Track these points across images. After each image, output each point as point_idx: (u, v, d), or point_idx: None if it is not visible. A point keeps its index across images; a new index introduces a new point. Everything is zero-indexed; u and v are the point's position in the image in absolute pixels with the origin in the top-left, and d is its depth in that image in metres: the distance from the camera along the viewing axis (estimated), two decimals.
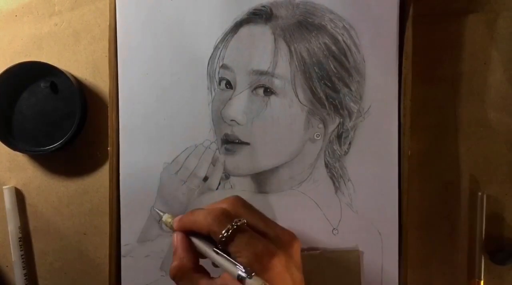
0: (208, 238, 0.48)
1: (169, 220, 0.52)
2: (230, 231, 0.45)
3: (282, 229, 0.49)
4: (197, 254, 0.49)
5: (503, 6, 0.63)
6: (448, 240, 0.64)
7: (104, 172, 0.65)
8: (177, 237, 0.50)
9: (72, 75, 0.64)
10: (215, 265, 0.47)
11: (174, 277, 0.48)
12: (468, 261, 0.64)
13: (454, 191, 0.64)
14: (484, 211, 0.63)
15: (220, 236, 0.45)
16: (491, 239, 0.64)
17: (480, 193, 0.63)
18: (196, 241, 0.49)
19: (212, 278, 0.47)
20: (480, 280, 0.63)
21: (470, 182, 0.64)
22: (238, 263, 0.44)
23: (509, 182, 0.64)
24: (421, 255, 0.64)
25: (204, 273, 0.48)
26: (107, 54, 0.63)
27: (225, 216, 0.47)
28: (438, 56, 0.64)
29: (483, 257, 0.63)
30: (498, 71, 0.63)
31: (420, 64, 0.62)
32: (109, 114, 0.61)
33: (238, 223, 0.45)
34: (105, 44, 0.64)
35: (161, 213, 0.54)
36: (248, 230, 0.46)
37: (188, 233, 0.49)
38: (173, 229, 0.51)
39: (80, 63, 0.65)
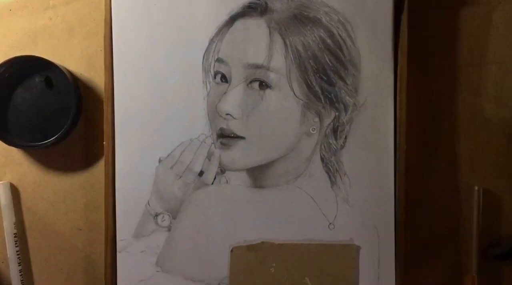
0: None
1: None
2: None
3: None
4: None
5: None
6: (445, 234, 0.64)
7: (99, 167, 0.65)
8: None
9: (67, 70, 0.64)
10: None
11: None
12: (464, 256, 0.64)
13: (451, 185, 0.64)
14: (480, 205, 0.63)
15: None
16: (488, 234, 0.64)
17: (476, 187, 0.63)
18: None
19: None
20: (476, 274, 0.63)
21: (466, 176, 0.64)
22: None
23: (506, 177, 0.64)
24: (418, 249, 0.64)
25: None
26: (102, 49, 0.63)
27: None
28: (434, 49, 0.64)
29: (479, 252, 0.63)
30: (494, 64, 0.64)
31: (416, 57, 0.62)
32: (104, 109, 0.61)
33: None
34: (99, 38, 0.64)
35: None
36: None
37: None
38: None
39: (74, 57, 0.65)
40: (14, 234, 0.64)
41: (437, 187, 0.64)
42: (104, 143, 0.61)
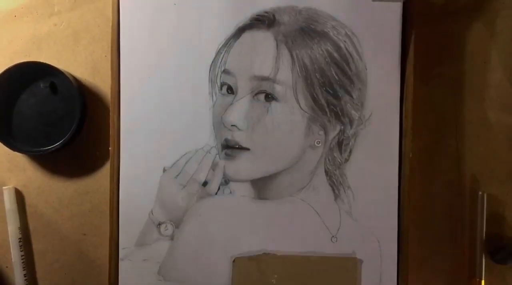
0: None
1: None
2: None
3: None
4: None
5: (503, 5, 0.64)
6: (449, 239, 0.65)
7: (104, 173, 0.65)
8: None
9: (72, 75, 0.64)
10: None
11: None
12: (469, 260, 0.64)
13: (455, 190, 0.64)
14: (484, 210, 0.63)
15: None
16: (492, 239, 0.64)
17: (480, 192, 0.64)
18: None
19: None
20: (481, 279, 0.63)
21: (470, 182, 0.64)
22: None
23: (510, 181, 0.64)
24: (422, 255, 0.64)
25: None
26: (107, 54, 0.63)
27: None
28: (438, 55, 0.64)
29: (483, 257, 0.63)
30: (498, 70, 0.64)
31: (421, 63, 0.62)
32: (110, 114, 0.61)
33: None
34: (104, 44, 0.64)
35: None
36: None
37: None
38: None
39: (79, 63, 0.65)
40: (19, 238, 0.64)
41: (441, 192, 0.64)
42: (110, 148, 0.61)
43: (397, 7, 0.59)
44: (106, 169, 0.65)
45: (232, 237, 0.61)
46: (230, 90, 0.60)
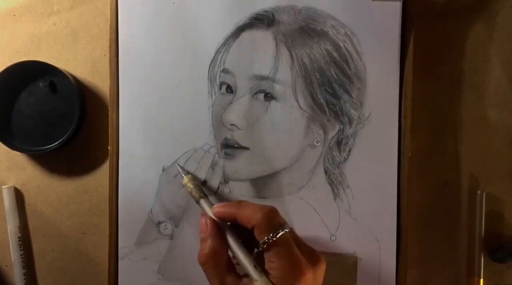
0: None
1: (189, 184, 0.56)
2: (278, 235, 0.46)
3: (314, 249, 0.50)
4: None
5: (502, 4, 0.64)
6: (448, 238, 0.65)
7: (103, 172, 0.65)
8: (209, 224, 0.50)
9: (71, 75, 0.64)
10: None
11: (204, 264, 0.48)
12: (467, 259, 0.64)
13: (454, 189, 0.64)
14: (483, 209, 0.63)
15: (267, 238, 0.46)
16: (491, 237, 0.64)
17: (479, 191, 0.64)
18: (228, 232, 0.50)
19: (239, 276, 0.48)
20: (480, 278, 0.63)
21: (469, 180, 0.64)
22: (269, 268, 0.46)
23: (509, 180, 0.64)
24: (421, 254, 0.64)
25: (233, 268, 0.49)
26: (106, 53, 0.63)
27: (276, 216, 0.48)
28: (438, 54, 0.64)
29: (482, 255, 0.64)
30: (497, 69, 0.64)
31: (420, 62, 0.62)
32: (109, 113, 0.61)
33: (287, 230, 0.47)
34: (103, 43, 0.64)
35: (183, 173, 0.57)
36: (291, 241, 0.47)
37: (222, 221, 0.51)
38: (192, 195, 0.54)
39: (78, 62, 0.65)
40: (18, 237, 0.64)
41: (440, 191, 0.64)
42: (108, 147, 0.61)
43: (397, 7, 0.59)
44: (105, 168, 0.64)
45: None
46: (230, 89, 0.60)
